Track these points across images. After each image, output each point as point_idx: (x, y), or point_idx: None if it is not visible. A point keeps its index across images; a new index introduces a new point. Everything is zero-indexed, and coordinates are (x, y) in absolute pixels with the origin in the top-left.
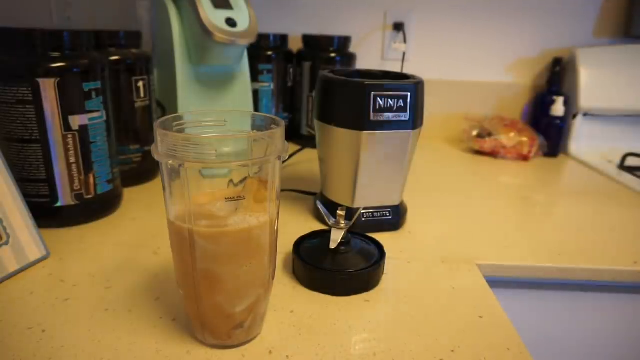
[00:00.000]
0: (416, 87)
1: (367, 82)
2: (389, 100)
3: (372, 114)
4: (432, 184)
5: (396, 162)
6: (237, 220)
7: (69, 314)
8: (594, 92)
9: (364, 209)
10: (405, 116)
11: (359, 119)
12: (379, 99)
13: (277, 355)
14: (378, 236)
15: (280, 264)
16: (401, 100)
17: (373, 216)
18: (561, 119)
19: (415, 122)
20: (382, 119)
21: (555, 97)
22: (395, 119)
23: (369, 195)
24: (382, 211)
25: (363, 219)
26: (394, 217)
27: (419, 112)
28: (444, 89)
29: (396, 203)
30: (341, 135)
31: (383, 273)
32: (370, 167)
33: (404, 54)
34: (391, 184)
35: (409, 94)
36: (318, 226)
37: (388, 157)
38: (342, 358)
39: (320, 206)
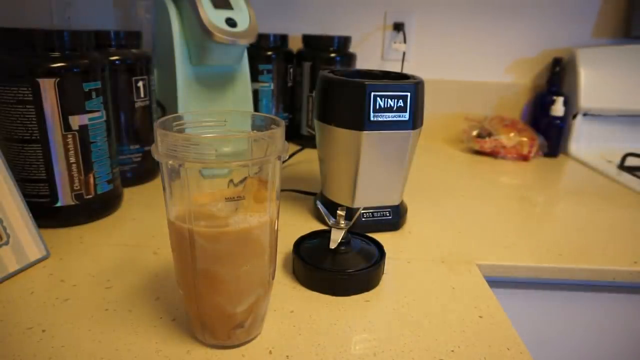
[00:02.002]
0: (416, 87)
1: (367, 82)
2: (389, 100)
3: (372, 114)
4: (432, 184)
5: (396, 162)
6: (237, 220)
7: (69, 314)
8: (594, 92)
9: (364, 209)
10: (405, 116)
11: (359, 119)
12: (379, 99)
13: (277, 355)
14: (378, 236)
15: (280, 264)
16: (401, 101)
17: (373, 216)
18: (561, 119)
19: (415, 122)
20: (382, 119)
21: (555, 97)
22: (395, 119)
23: (369, 195)
24: (382, 211)
25: (363, 219)
26: (394, 217)
27: (419, 112)
28: (444, 89)
29: (396, 203)
30: (341, 135)
31: (383, 273)
32: (370, 167)
33: (404, 54)
34: (391, 184)
35: (409, 94)
36: (318, 226)
37: (388, 157)
38: (342, 358)
39: (320, 206)
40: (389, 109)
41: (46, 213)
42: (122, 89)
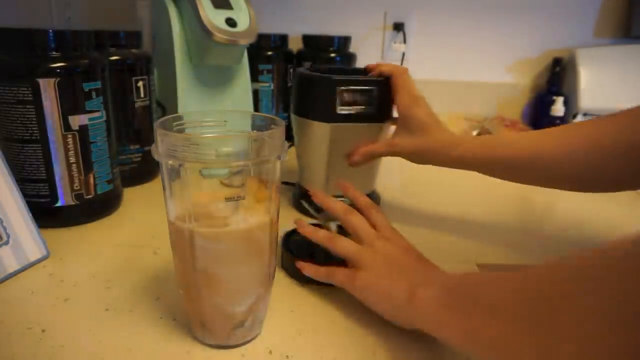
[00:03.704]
0: (382, 83)
1: (335, 77)
2: (356, 94)
3: (339, 107)
4: (432, 184)
5: None
6: (237, 220)
7: (69, 314)
8: (594, 92)
9: (338, 197)
10: (372, 110)
11: (329, 112)
12: (345, 93)
13: (277, 355)
14: None
15: (280, 263)
16: (367, 95)
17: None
18: (561, 119)
19: (381, 115)
20: (349, 111)
21: (555, 97)
22: (362, 112)
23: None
24: None
25: None
26: None
27: (385, 106)
28: (444, 89)
29: (369, 192)
30: (314, 128)
31: None
32: (341, 158)
33: (403, 54)
34: (363, 174)
35: (375, 88)
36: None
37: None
38: (342, 358)
39: (306, 205)
40: (356, 103)
41: (46, 213)
42: (122, 89)
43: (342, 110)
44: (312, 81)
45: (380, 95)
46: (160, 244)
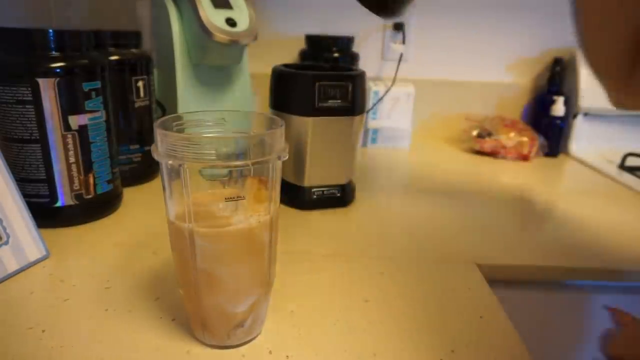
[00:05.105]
0: (356, 78)
1: (313, 73)
2: (333, 89)
3: (317, 102)
4: (432, 184)
5: (342, 145)
6: (238, 220)
7: (69, 314)
8: (594, 92)
9: (315, 187)
10: (347, 103)
11: (307, 107)
12: (323, 89)
13: (277, 355)
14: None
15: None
16: (343, 90)
17: (323, 193)
18: (561, 119)
19: (356, 108)
20: (326, 105)
21: (555, 97)
22: (338, 105)
23: (319, 175)
24: (332, 189)
25: (315, 196)
26: (342, 194)
27: (360, 100)
28: (444, 89)
29: (344, 182)
30: (292, 122)
31: None
32: (318, 149)
33: (401, 54)
34: (339, 164)
35: (350, 83)
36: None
37: (334, 140)
38: (342, 358)
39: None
40: (333, 97)
41: (46, 213)
42: (122, 89)
43: (321, 104)
44: (292, 78)
45: (354, 89)
46: (160, 244)
